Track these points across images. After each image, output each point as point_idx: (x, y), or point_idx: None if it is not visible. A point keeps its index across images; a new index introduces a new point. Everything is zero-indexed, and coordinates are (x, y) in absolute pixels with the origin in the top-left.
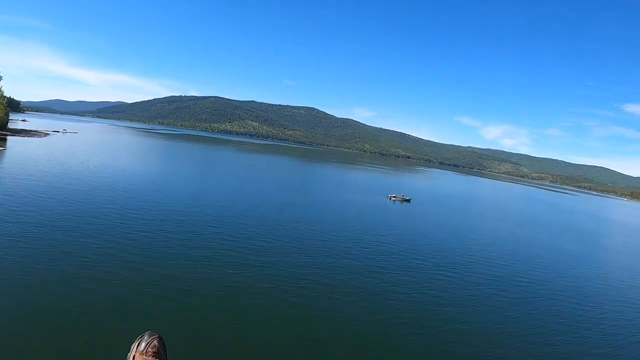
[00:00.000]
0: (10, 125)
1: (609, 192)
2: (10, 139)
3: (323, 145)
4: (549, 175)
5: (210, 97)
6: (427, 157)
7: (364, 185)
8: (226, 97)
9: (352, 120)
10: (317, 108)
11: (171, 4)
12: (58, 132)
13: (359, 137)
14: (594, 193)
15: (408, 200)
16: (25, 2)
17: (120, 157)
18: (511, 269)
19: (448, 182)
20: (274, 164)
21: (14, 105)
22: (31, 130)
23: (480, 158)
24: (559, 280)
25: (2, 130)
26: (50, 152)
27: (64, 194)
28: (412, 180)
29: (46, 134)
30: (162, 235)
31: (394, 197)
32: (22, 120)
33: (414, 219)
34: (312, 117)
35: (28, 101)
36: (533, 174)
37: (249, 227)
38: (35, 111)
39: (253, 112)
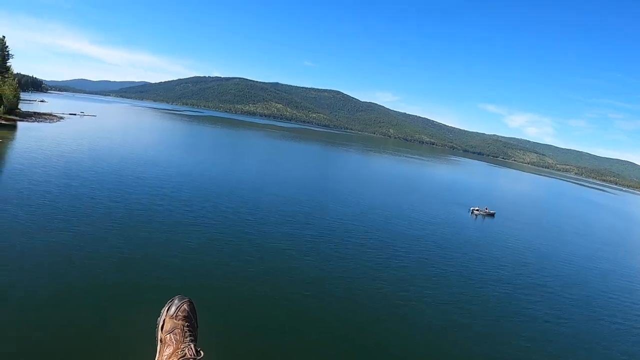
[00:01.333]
0: (27, 107)
1: (635, 188)
2: (18, 126)
3: (347, 128)
4: (574, 167)
5: (234, 78)
6: (452, 144)
7: (429, 188)
8: (250, 79)
9: (376, 104)
10: (341, 91)
11: None
12: (75, 115)
13: (382, 122)
14: (623, 189)
15: (492, 215)
16: None
17: (141, 145)
18: None
19: (497, 179)
20: (313, 154)
21: (37, 85)
22: (44, 114)
23: (505, 147)
24: None
25: (11, 116)
26: (56, 144)
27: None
28: (460, 175)
29: (60, 118)
30: (194, 217)
31: (476, 210)
32: (41, 101)
33: (510, 244)
34: (336, 100)
35: (52, 80)
36: (558, 165)
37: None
38: (58, 91)
39: (277, 94)
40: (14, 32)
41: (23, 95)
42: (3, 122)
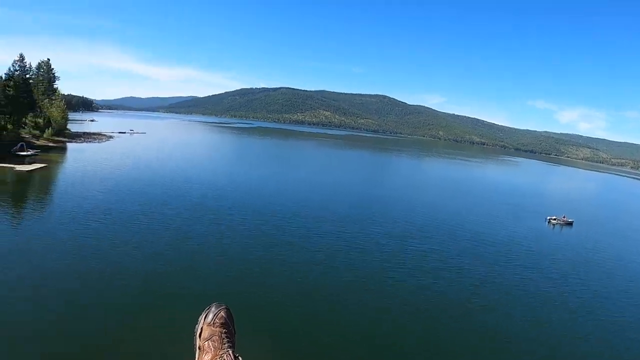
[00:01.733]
0: (77, 127)
1: None
2: (68, 147)
3: (396, 133)
4: (630, 161)
5: (280, 88)
6: (503, 144)
7: (493, 194)
8: (296, 88)
9: (424, 106)
10: (388, 95)
11: (232, 2)
12: (124, 133)
13: (431, 124)
14: None
15: (570, 224)
16: (92, 3)
17: (192, 160)
18: None
19: (557, 179)
20: (367, 161)
21: (88, 105)
22: (93, 134)
23: (557, 143)
24: None
25: (59, 137)
26: (104, 164)
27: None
28: (520, 177)
29: (109, 137)
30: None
31: (554, 219)
32: (91, 120)
33: (597, 257)
34: (384, 105)
35: (103, 99)
36: (612, 160)
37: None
38: (109, 109)
39: (324, 101)
40: (64, 55)
41: (74, 115)
42: (51, 144)
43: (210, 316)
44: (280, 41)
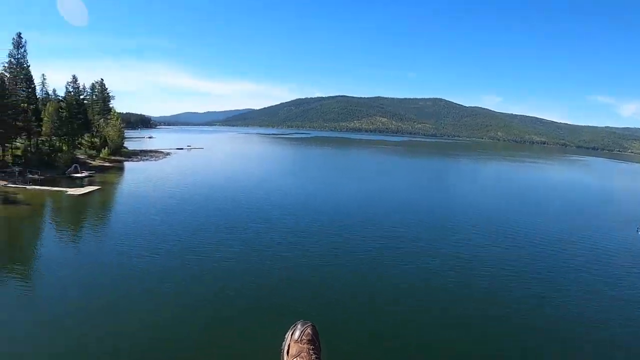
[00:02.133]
0: (135, 144)
1: None
2: (125, 166)
3: (454, 136)
4: None
5: (336, 96)
6: (563, 142)
7: (571, 200)
8: (352, 95)
9: (481, 107)
10: (444, 98)
11: (285, 16)
12: (182, 149)
13: (489, 125)
14: None
15: None
16: (147, 25)
17: (254, 174)
18: None
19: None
20: (432, 167)
21: (146, 122)
22: (150, 151)
23: (620, 139)
24: None
25: (115, 156)
26: (161, 184)
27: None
28: (593, 178)
29: (166, 154)
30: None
31: None
32: (149, 137)
33: None
34: (440, 108)
35: (161, 116)
36: None
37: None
38: (167, 125)
39: (380, 107)
40: (122, 75)
41: (132, 133)
42: (107, 164)
43: (297, 333)
44: (334, 50)
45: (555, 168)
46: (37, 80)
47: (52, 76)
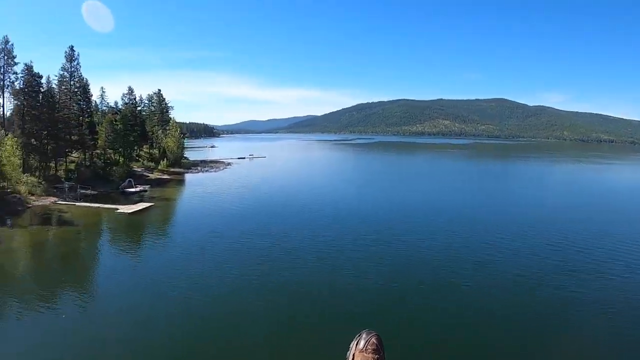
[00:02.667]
0: (197, 154)
1: None
2: (186, 178)
3: (518, 137)
4: None
5: (397, 100)
6: (632, 140)
7: None
8: (413, 99)
9: (545, 106)
10: (507, 98)
11: (344, 22)
12: (243, 158)
13: (555, 125)
14: None
15: None
16: (205, 38)
17: (320, 188)
18: None
19: None
20: (513, 174)
21: (209, 131)
22: (211, 162)
23: None
24: None
25: (175, 168)
26: (219, 198)
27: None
28: None
29: (227, 165)
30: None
31: None
32: (211, 147)
33: None
34: (503, 109)
35: (224, 125)
36: None
37: None
38: (230, 134)
39: (442, 110)
40: (185, 87)
41: (195, 143)
42: (165, 176)
43: (362, 343)
44: (393, 53)
45: (634, 169)
46: (96, 94)
47: (114, 90)
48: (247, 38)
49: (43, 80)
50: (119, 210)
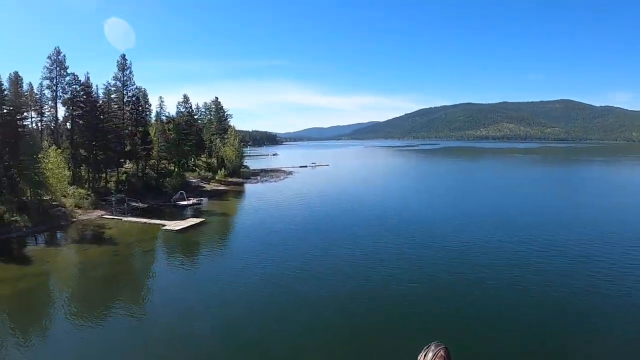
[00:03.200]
0: (259, 163)
1: None
2: (246, 189)
3: (585, 139)
4: None
5: (460, 104)
6: None
7: None
8: (476, 102)
9: (612, 107)
10: (572, 99)
11: (404, 27)
12: (305, 167)
13: (623, 126)
14: None
15: None
16: (266, 47)
17: (392, 200)
18: None
19: None
20: (584, 179)
21: (272, 139)
22: (272, 171)
23: None
24: None
25: (232, 178)
26: (277, 214)
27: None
28: None
29: (288, 174)
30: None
31: None
32: (273, 155)
33: None
34: (569, 110)
35: (287, 132)
36: None
37: None
38: (293, 141)
39: (506, 113)
40: (246, 95)
41: (258, 150)
42: (222, 187)
43: (430, 355)
44: (454, 57)
45: None
46: (154, 103)
47: (174, 100)
48: (308, 47)
49: (93, 90)
50: (165, 227)
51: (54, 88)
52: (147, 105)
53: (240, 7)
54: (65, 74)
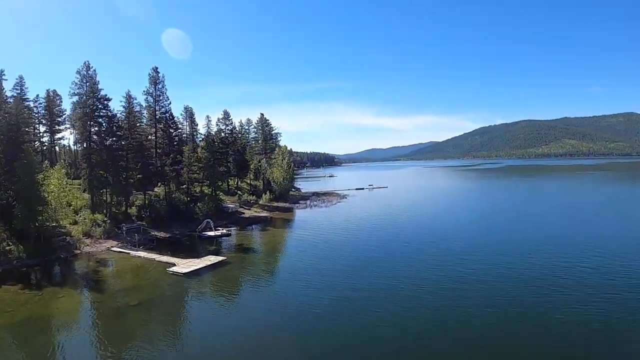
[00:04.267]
0: (315, 185)
1: None
2: (295, 215)
3: None
4: None
5: (520, 121)
6: None
7: None
8: (536, 119)
9: None
10: (635, 112)
11: (461, 46)
12: (362, 189)
13: None
14: None
15: None
16: (325, 71)
17: (461, 229)
18: None
19: None
20: None
21: (330, 160)
22: (324, 194)
23: None
24: None
25: (278, 202)
26: (324, 253)
27: None
28: None
29: (343, 197)
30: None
31: None
32: (330, 176)
33: None
34: (634, 123)
35: (345, 154)
36: None
37: None
38: (352, 162)
39: (567, 129)
40: (306, 117)
41: (316, 172)
42: (264, 213)
43: None
44: (512, 74)
45: None
46: (201, 123)
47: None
48: (366, 69)
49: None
50: (172, 269)
51: (84, 104)
52: (193, 125)
53: (305, 32)
54: (97, 89)
